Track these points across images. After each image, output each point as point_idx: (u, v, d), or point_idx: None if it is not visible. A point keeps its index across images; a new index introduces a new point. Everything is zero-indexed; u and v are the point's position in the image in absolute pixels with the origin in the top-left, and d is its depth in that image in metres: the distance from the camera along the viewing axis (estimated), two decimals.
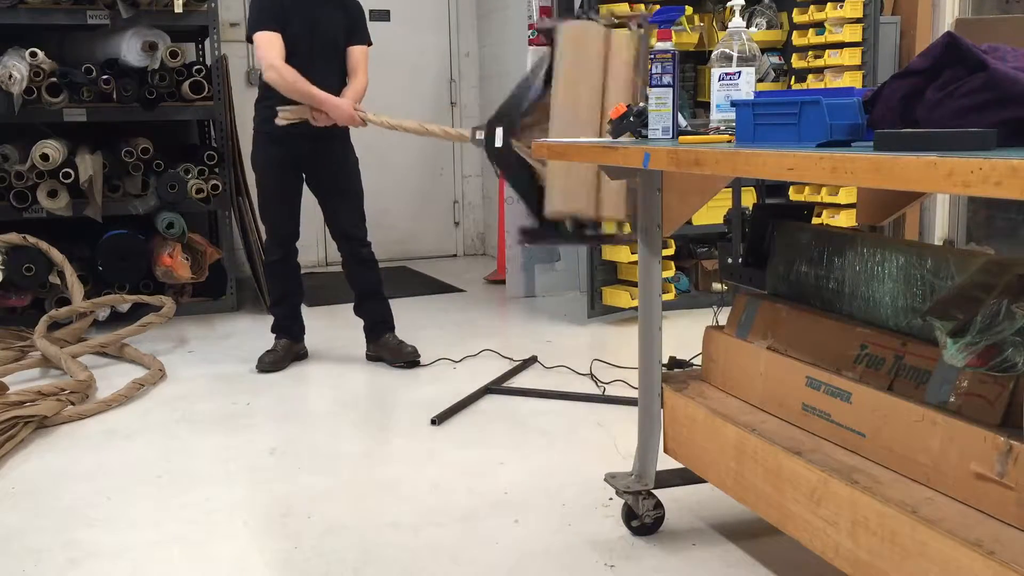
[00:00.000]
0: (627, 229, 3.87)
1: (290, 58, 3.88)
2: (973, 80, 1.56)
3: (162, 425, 3.48)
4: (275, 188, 4.07)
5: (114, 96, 4.95)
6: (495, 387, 3.79)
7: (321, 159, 4.03)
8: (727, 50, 2.16)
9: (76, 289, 4.64)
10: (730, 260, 2.53)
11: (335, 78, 4.00)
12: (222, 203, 5.21)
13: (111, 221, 5.01)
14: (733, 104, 2.01)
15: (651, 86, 2.14)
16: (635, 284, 4.52)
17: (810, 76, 4.98)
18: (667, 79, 2.11)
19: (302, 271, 4.32)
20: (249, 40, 3.96)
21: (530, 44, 5.31)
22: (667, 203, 2.34)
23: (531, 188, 3.68)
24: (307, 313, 4.52)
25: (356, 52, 4.00)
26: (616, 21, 3.66)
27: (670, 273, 4.88)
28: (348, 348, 4.41)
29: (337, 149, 4.05)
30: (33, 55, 4.71)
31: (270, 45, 3.77)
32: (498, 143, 3.61)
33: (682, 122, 2.22)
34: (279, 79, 3.76)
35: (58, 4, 4.85)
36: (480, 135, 3.71)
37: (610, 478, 2.52)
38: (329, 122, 3.85)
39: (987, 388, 1.69)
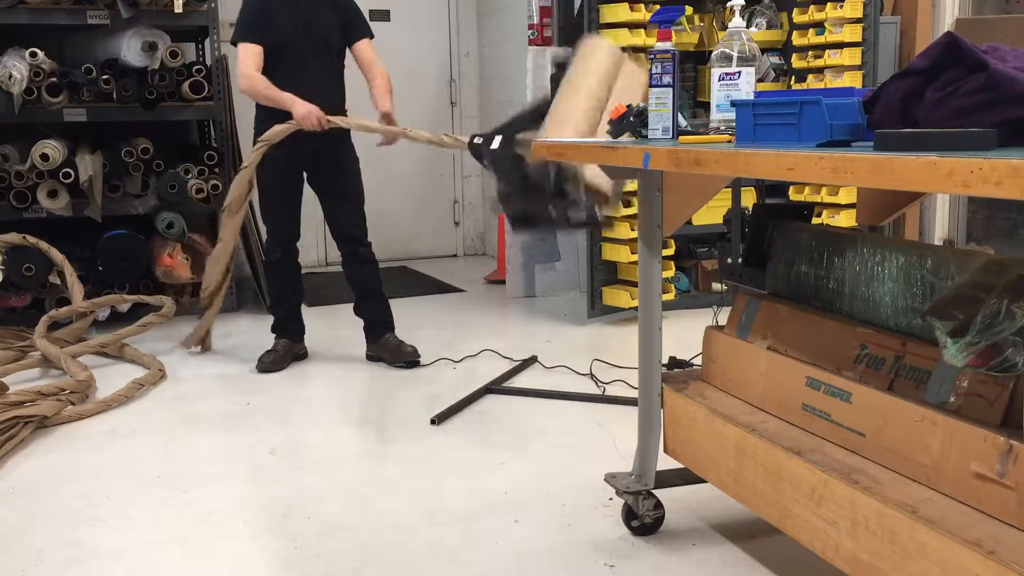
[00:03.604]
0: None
1: (281, 61, 3.94)
2: (973, 80, 1.56)
3: (162, 425, 3.48)
4: (275, 188, 4.08)
5: (114, 96, 4.95)
6: (495, 387, 3.79)
7: (322, 160, 4.03)
8: (727, 50, 2.16)
9: (76, 289, 4.64)
10: (730, 260, 2.53)
11: (330, 78, 4.01)
12: (222, 203, 5.20)
13: (111, 221, 5.01)
14: (733, 104, 2.01)
15: (651, 86, 2.14)
16: (635, 284, 4.51)
17: (810, 76, 4.98)
18: (667, 79, 2.11)
19: (302, 271, 4.32)
20: (234, 44, 4.00)
21: (530, 44, 5.32)
22: (667, 203, 2.34)
23: (523, 185, 3.64)
24: (307, 313, 4.52)
25: (363, 48, 4.01)
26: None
27: (670, 273, 4.88)
28: (348, 348, 4.41)
29: (338, 150, 4.06)
30: (33, 55, 4.71)
31: (247, 56, 3.88)
32: (494, 146, 3.58)
33: (682, 122, 2.21)
34: (250, 89, 3.89)
35: (58, 4, 4.85)
36: (478, 140, 3.69)
37: (610, 478, 2.52)
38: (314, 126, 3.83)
39: (987, 388, 1.69)
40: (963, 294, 1.68)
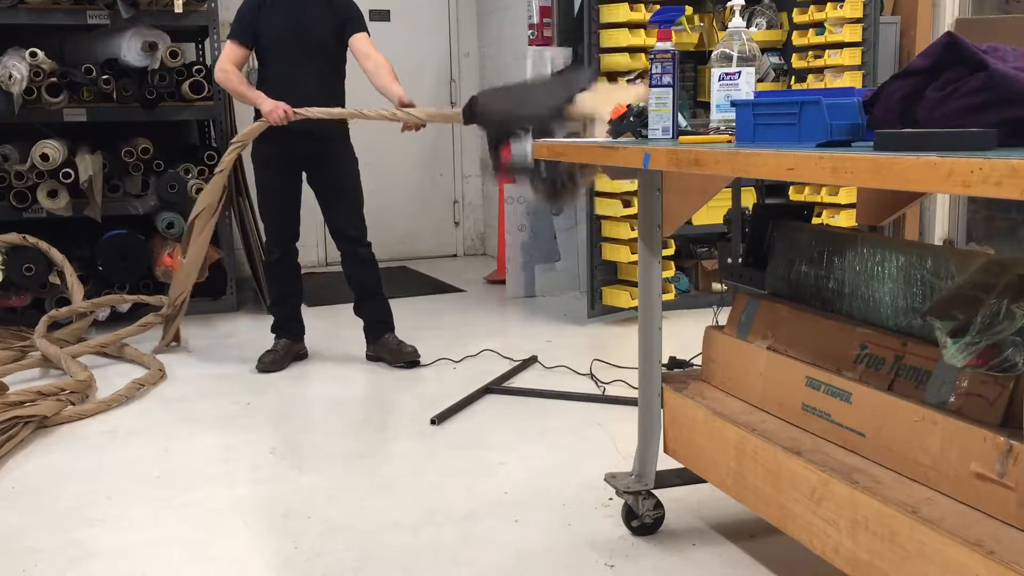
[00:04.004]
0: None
1: (274, 61, 3.98)
2: (973, 80, 1.56)
3: (162, 425, 3.48)
4: (274, 188, 4.08)
5: (114, 96, 4.95)
6: (495, 387, 3.79)
7: (319, 159, 4.03)
8: (727, 50, 2.16)
9: (76, 289, 4.64)
10: (730, 260, 2.53)
11: (324, 80, 4.00)
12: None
13: (111, 221, 5.01)
14: (733, 104, 2.01)
15: (651, 86, 2.14)
16: (635, 284, 4.51)
17: (810, 76, 4.98)
18: (667, 79, 2.11)
19: (302, 271, 4.32)
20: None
21: (530, 44, 5.32)
22: (667, 203, 2.34)
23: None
24: (307, 313, 4.52)
25: (359, 41, 3.98)
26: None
27: (670, 273, 4.88)
28: (348, 348, 4.41)
29: (336, 149, 4.05)
30: (33, 55, 4.71)
31: (227, 51, 4.03)
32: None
33: (682, 122, 2.21)
34: (225, 82, 4.03)
35: (58, 4, 4.85)
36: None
37: (610, 478, 2.52)
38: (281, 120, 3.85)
39: (987, 388, 1.69)
40: (963, 294, 1.68)
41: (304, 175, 4.12)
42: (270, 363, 4.15)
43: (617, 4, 4.61)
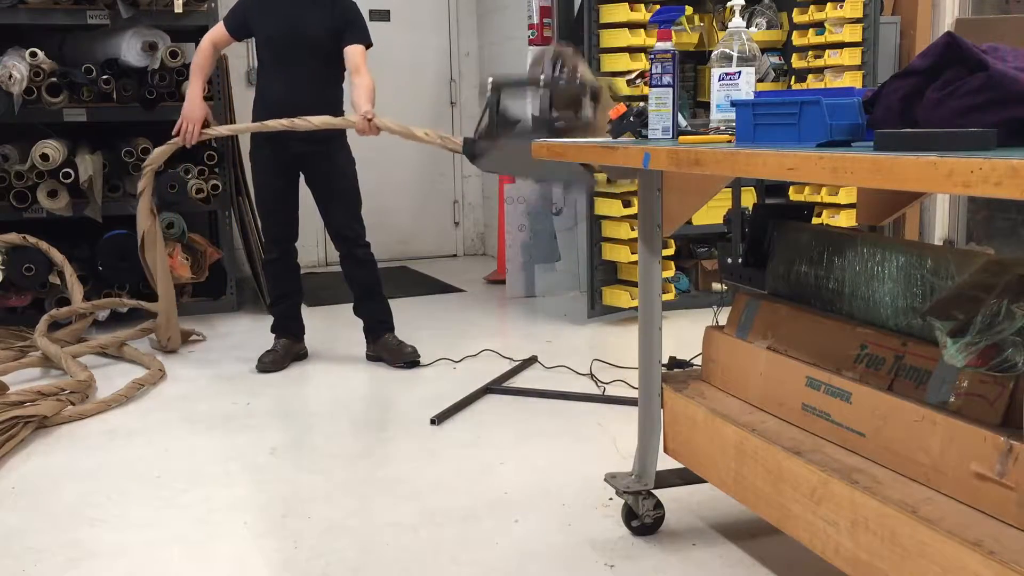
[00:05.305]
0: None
1: (270, 56, 4.00)
2: (973, 80, 1.56)
3: (162, 425, 3.47)
4: (270, 189, 4.08)
5: (114, 96, 4.95)
6: (495, 387, 3.79)
7: (315, 160, 4.03)
8: (727, 50, 2.16)
9: (76, 289, 4.64)
10: (730, 260, 2.53)
11: (320, 79, 4.00)
12: (222, 203, 5.21)
13: (111, 221, 5.01)
14: (733, 104, 2.01)
15: (651, 86, 2.14)
16: (635, 284, 4.51)
17: (810, 76, 4.98)
18: (667, 79, 2.11)
19: (302, 271, 4.32)
20: None
21: (530, 44, 5.32)
22: (667, 203, 2.34)
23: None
24: (307, 313, 4.52)
25: (352, 52, 3.94)
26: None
27: (670, 273, 4.88)
28: (348, 348, 4.41)
29: (330, 150, 4.04)
30: (33, 55, 4.71)
31: (215, 30, 4.12)
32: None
33: (682, 122, 2.21)
34: (196, 53, 4.10)
35: (58, 4, 4.85)
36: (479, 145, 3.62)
37: (610, 478, 2.52)
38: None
39: (987, 388, 1.69)
40: (963, 294, 1.68)
41: (301, 176, 4.12)
42: (270, 363, 4.15)
43: (617, 4, 4.61)
